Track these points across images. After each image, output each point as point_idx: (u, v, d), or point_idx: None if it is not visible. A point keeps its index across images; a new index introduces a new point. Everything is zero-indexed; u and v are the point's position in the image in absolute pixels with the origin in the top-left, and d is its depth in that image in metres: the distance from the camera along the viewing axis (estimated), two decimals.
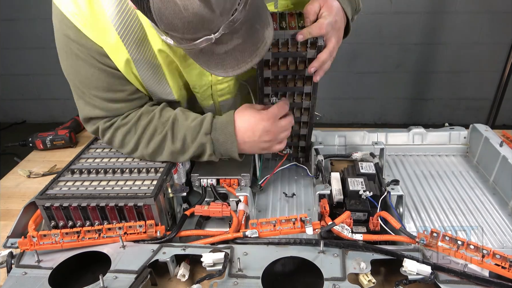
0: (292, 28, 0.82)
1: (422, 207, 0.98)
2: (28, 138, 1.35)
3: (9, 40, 3.10)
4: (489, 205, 0.98)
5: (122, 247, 0.79)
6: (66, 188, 0.88)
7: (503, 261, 0.69)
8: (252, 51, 0.71)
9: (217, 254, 0.74)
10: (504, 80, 2.46)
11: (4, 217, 1.02)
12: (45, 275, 0.74)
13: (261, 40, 0.72)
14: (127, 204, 0.82)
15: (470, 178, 1.10)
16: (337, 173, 1.01)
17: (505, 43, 2.68)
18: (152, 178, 0.89)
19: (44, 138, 1.34)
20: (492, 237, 0.88)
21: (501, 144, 1.06)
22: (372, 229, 0.85)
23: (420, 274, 0.69)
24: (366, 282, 0.70)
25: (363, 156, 1.11)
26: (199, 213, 0.88)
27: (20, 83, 3.27)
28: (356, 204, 0.89)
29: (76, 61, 0.86)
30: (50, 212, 0.84)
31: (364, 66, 3.05)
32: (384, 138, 1.22)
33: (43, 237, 0.79)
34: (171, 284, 0.78)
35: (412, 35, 2.92)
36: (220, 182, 0.96)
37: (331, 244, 0.77)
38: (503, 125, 2.93)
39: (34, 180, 1.19)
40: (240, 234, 0.81)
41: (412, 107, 3.24)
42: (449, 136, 1.21)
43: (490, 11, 2.77)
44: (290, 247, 0.78)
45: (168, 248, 0.79)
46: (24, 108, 3.42)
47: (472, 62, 2.97)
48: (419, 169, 1.15)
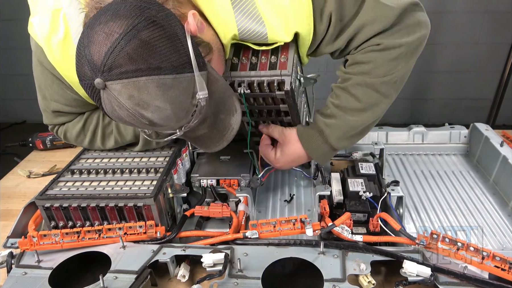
0: (263, 65, 0.79)
1: (422, 208, 0.98)
2: (28, 138, 1.35)
3: (9, 40, 3.09)
4: (489, 205, 0.98)
5: (122, 247, 0.79)
6: (66, 188, 0.88)
7: (502, 263, 0.69)
8: (219, 138, 0.77)
9: (217, 255, 0.74)
10: (504, 80, 2.46)
11: (4, 217, 1.03)
12: (45, 275, 0.74)
13: (227, 127, 0.76)
14: (127, 205, 0.82)
15: (470, 178, 1.10)
16: (337, 173, 1.01)
17: (505, 43, 2.68)
18: (152, 178, 0.89)
19: (44, 138, 1.34)
20: (492, 238, 0.88)
21: (502, 144, 1.06)
22: (372, 230, 0.85)
23: (420, 275, 0.69)
24: (366, 283, 0.70)
25: (363, 156, 1.11)
26: (199, 213, 0.88)
27: (20, 83, 3.26)
28: (356, 205, 0.89)
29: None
30: (50, 213, 0.84)
31: None
32: (385, 136, 1.22)
33: (43, 237, 0.79)
34: (171, 284, 0.79)
35: None
36: (220, 182, 0.96)
37: (331, 245, 0.77)
38: (503, 125, 2.93)
39: (34, 180, 1.19)
40: (240, 235, 0.81)
41: (412, 107, 3.24)
42: (449, 135, 1.21)
43: (490, 11, 2.77)
44: (290, 248, 0.78)
45: (168, 248, 0.79)
46: (24, 108, 3.41)
47: (472, 62, 2.97)
48: (419, 168, 1.15)
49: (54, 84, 0.88)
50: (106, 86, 0.58)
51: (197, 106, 0.66)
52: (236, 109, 0.75)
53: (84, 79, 0.61)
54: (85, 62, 0.59)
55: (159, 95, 0.60)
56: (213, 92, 0.69)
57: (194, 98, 0.65)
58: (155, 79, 0.59)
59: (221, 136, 0.77)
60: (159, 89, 0.59)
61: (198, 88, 0.64)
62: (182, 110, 0.64)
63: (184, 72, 0.62)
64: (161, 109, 0.61)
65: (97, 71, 0.58)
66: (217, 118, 0.74)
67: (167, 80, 0.60)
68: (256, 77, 0.78)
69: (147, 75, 0.58)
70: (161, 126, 0.65)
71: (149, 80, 0.58)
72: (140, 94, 0.59)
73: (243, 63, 0.80)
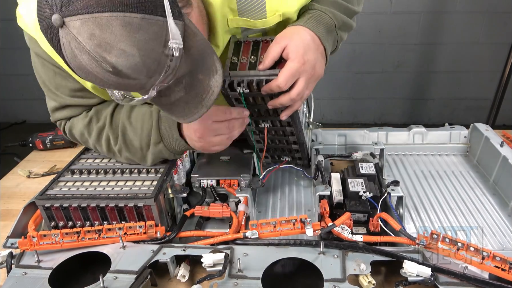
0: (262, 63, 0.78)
1: (422, 208, 0.98)
2: (28, 138, 1.35)
3: (9, 40, 3.09)
4: (489, 206, 0.98)
5: (122, 247, 0.79)
6: (66, 188, 0.88)
7: (503, 263, 0.69)
8: (197, 102, 0.68)
9: (217, 255, 0.74)
10: (504, 80, 2.46)
11: (4, 217, 1.02)
12: (45, 275, 0.74)
13: (207, 90, 0.68)
14: (127, 205, 0.82)
15: (470, 178, 1.10)
16: (337, 173, 1.01)
17: (505, 43, 2.68)
18: (152, 178, 0.89)
19: (44, 138, 1.34)
20: (492, 238, 0.88)
21: (502, 144, 1.06)
22: (372, 230, 0.85)
23: (420, 275, 0.69)
24: (366, 283, 0.70)
25: (363, 156, 1.11)
26: (199, 213, 0.88)
27: (20, 83, 3.27)
28: (356, 205, 0.89)
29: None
30: (50, 213, 0.84)
31: (364, 66, 3.05)
32: (385, 137, 1.22)
33: (43, 237, 0.79)
34: (171, 284, 0.78)
35: (412, 35, 2.91)
36: (220, 183, 0.95)
37: (331, 245, 0.77)
38: (503, 125, 2.93)
39: (34, 180, 1.19)
40: (240, 235, 0.81)
41: (412, 107, 3.24)
42: (449, 136, 1.21)
43: (490, 11, 2.77)
44: (290, 248, 0.78)
45: (168, 248, 0.79)
46: (24, 108, 3.42)
47: (472, 62, 2.97)
48: (419, 168, 1.15)
49: (56, 76, 0.85)
50: (64, 23, 0.52)
51: (171, 59, 0.58)
52: (217, 70, 0.67)
53: (43, 19, 0.53)
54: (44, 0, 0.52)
55: (124, 35, 0.53)
56: (190, 47, 0.61)
57: (166, 48, 0.57)
58: (120, 16, 0.52)
59: (200, 101, 0.68)
60: (124, 29, 0.52)
61: (171, 36, 0.56)
62: (153, 60, 0.57)
63: (154, 13, 0.54)
64: (127, 54, 0.54)
65: (55, 7, 0.51)
66: (194, 78, 0.66)
67: (134, 19, 0.53)
68: (255, 77, 0.77)
69: (110, 10, 0.51)
70: (129, 79, 0.57)
71: (113, 16, 0.51)
72: (102, 33, 0.52)
73: (242, 63, 0.80)
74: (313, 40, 0.78)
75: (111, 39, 0.52)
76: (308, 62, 0.75)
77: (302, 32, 0.77)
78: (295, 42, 0.75)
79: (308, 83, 0.78)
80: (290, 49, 0.74)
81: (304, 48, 0.75)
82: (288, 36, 0.76)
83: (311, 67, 0.76)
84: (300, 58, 0.74)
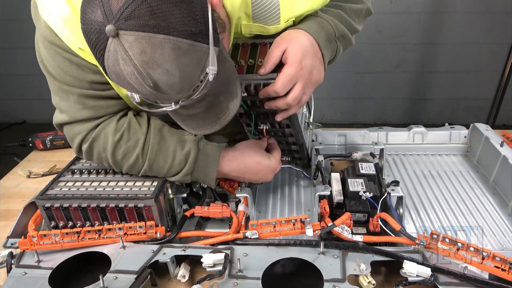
0: (259, 66, 0.78)
1: (422, 208, 0.98)
2: (28, 138, 1.35)
3: (9, 40, 3.09)
4: (489, 206, 0.98)
5: (122, 247, 0.79)
6: (66, 188, 0.88)
7: (503, 263, 0.69)
8: (213, 121, 0.73)
9: (217, 255, 0.74)
10: (504, 80, 2.45)
11: (4, 217, 1.03)
12: (45, 275, 0.74)
13: (224, 111, 0.73)
14: (127, 205, 0.82)
15: (470, 178, 1.10)
16: (337, 173, 1.01)
17: (505, 43, 2.68)
18: (152, 179, 0.89)
19: (44, 138, 1.34)
20: (492, 238, 0.88)
21: (502, 144, 1.06)
22: (372, 230, 0.85)
23: (420, 276, 0.69)
24: (366, 283, 0.70)
25: (363, 156, 1.11)
26: (199, 214, 0.88)
27: (20, 83, 3.27)
28: (356, 205, 0.89)
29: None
30: (50, 213, 0.84)
31: (364, 66, 3.05)
32: (385, 137, 1.22)
33: (43, 237, 0.79)
34: (171, 284, 0.79)
35: (412, 35, 2.91)
36: (220, 183, 0.96)
37: (331, 245, 0.77)
38: (503, 125, 2.93)
39: (34, 180, 1.19)
40: (240, 235, 0.81)
41: (412, 107, 3.24)
42: (449, 135, 1.21)
43: (490, 11, 2.77)
44: (290, 248, 0.78)
45: (168, 248, 0.79)
46: (24, 108, 3.41)
47: (472, 62, 2.97)
48: (419, 168, 1.15)
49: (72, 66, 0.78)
50: (118, 35, 0.54)
51: (203, 81, 0.63)
52: (237, 94, 0.73)
53: (92, 23, 0.55)
54: (99, 5, 0.54)
55: (172, 58, 0.57)
56: (219, 71, 0.65)
57: (203, 72, 0.62)
58: (172, 40, 0.56)
59: (215, 120, 0.73)
60: (173, 52, 0.56)
61: (210, 62, 0.61)
62: (189, 81, 0.62)
63: (201, 41, 0.59)
64: (170, 74, 0.58)
65: (112, 17, 0.54)
66: (216, 99, 0.71)
67: (184, 45, 0.57)
68: (253, 80, 0.77)
69: (166, 34, 0.55)
70: (163, 94, 0.61)
71: (167, 40, 0.55)
72: (153, 52, 0.56)
73: (241, 65, 0.80)
74: (312, 46, 0.78)
75: (159, 59, 0.56)
76: (306, 67, 0.76)
77: (302, 37, 0.78)
78: (294, 46, 0.76)
79: (305, 88, 0.78)
80: (288, 53, 0.75)
81: (302, 53, 0.76)
82: (288, 39, 0.77)
83: (308, 72, 0.77)
84: (298, 63, 0.75)
